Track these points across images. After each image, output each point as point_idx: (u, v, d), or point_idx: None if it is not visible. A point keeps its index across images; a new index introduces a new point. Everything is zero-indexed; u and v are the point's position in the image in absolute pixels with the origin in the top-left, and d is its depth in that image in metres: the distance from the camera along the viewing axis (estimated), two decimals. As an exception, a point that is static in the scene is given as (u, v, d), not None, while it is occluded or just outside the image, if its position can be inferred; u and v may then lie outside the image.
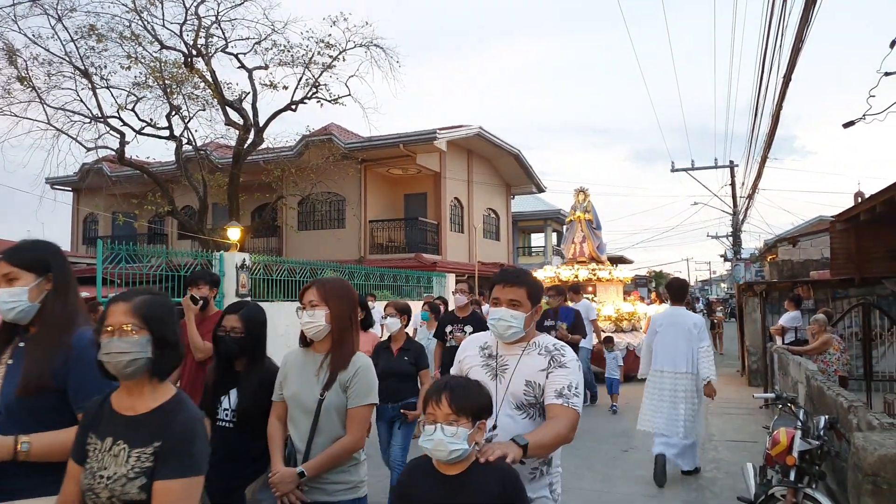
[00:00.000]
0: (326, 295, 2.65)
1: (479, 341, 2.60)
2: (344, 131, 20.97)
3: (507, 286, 2.45)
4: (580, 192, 14.86)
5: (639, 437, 7.70)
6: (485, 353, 2.54)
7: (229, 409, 2.93)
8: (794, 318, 9.93)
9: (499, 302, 2.44)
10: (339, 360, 2.63)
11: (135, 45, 14.91)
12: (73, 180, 22.10)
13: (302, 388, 2.66)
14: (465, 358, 2.60)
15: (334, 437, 2.59)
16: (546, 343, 2.48)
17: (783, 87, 8.06)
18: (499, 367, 2.47)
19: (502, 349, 2.49)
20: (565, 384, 2.35)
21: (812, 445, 3.77)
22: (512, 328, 2.40)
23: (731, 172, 24.09)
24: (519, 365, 2.43)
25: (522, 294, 2.43)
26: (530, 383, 2.39)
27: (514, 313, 2.40)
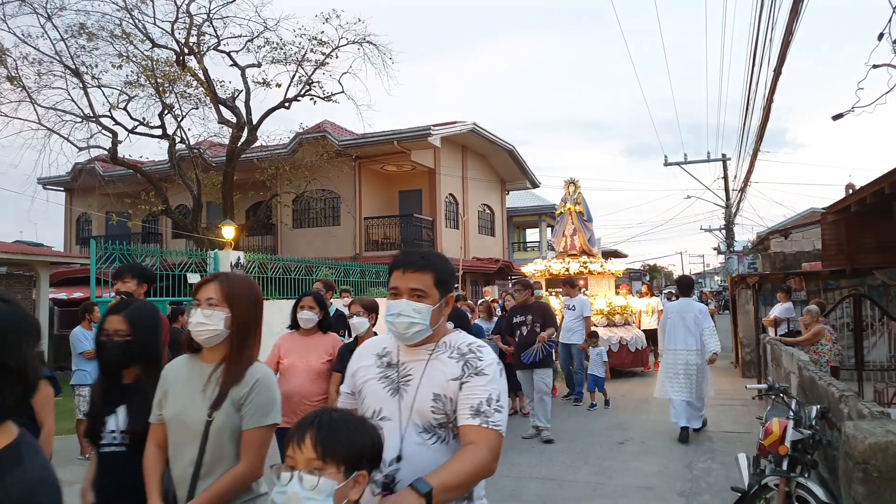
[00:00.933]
0: (230, 294, 2.22)
1: (376, 346, 2.09)
2: (338, 128, 20.95)
3: (407, 272, 1.94)
4: (570, 184, 14.46)
5: (634, 429, 7.79)
6: (383, 362, 2.01)
7: (117, 431, 2.41)
8: (786, 309, 10.03)
9: (398, 293, 1.93)
10: (233, 373, 2.18)
11: (126, 43, 14.88)
12: (65, 180, 22.01)
13: (186, 408, 2.18)
14: (359, 370, 2.05)
15: (226, 467, 2.14)
16: (459, 342, 1.97)
17: (774, 80, 8.11)
18: (400, 379, 1.94)
19: (405, 354, 1.98)
20: (483, 397, 1.83)
21: (804, 435, 3.83)
22: (415, 326, 1.89)
23: (723, 166, 24.19)
24: (425, 374, 1.92)
25: (428, 281, 1.92)
26: (439, 397, 1.87)
27: (418, 306, 1.89)
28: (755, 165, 16.36)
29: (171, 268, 9.03)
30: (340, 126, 21.65)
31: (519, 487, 5.60)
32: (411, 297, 1.91)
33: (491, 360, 1.92)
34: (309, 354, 4.36)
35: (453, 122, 20.97)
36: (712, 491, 5.35)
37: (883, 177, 7.00)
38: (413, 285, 1.92)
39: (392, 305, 1.92)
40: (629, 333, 12.34)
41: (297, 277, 11.32)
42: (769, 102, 9.09)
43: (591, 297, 12.59)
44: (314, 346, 4.41)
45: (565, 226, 14.25)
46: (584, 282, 13.12)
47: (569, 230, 14.19)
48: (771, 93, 8.65)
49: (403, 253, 2.03)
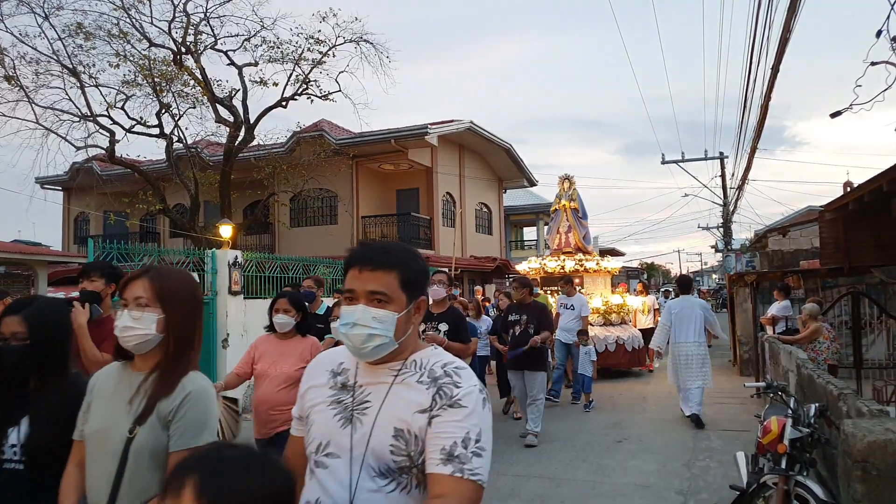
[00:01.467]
0: (162, 291, 1.91)
1: (331, 361, 1.69)
2: (335, 127, 20.92)
3: (365, 270, 1.55)
4: (565, 180, 14.07)
5: (632, 428, 7.79)
6: (337, 382, 1.62)
7: (18, 445, 2.08)
8: (783, 307, 10.03)
9: (354, 296, 1.56)
10: (163, 384, 1.88)
11: (123, 42, 14.84)
12: (63, 179, 21.96)
13: (108, 422, 1.88)
14: (309, 390, 1.68)
15: (146, 494, 1.80)
16: (432, 362, 1.57)
17: (771, 77, 8.11)
18: (356, 406, 1.56)
19: (363, 373, 1.60)
20: (458, 437, 1.44)
21: (803, 433, 3.82)
22: (374, 339, 1.52)
23: (721, 164, 24.21)
24: (386, 401, 1.52)
25: (391, 282, 1.55)
26: (401, 433, 1.48)
27: (379, 314, 1.52)
28: (753, 163, 16.39)
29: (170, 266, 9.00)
30: (338, 125, 21.62)
31: (517, 486, 5.59)
32: (370, 301, 1.54)
33: (471, 386, 1.51)
34: (283, 360, 4.06)
35: (450, 120, 20.95)
36: (710, 489, 5.35)
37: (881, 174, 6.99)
38: (372, 287, 1.54)
39: (346, 313, 1.55)
40: (626, 332, 12.16)
41: (295, 276, 11.30)
42: (767, 100, 9.10)
43: (587, 296, 12.34)
44: (289, 351, 4.11)
45: (560, 223, 13.93)
46: (580, 280, 12.93)
47: (563, 227, 13.87)
48: (768, 90, 8.65)
49: (361, 246, 1.62)
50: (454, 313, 5.61)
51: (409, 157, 19.98)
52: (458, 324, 5.49)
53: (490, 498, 5.28)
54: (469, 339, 5.55)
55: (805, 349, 7.51)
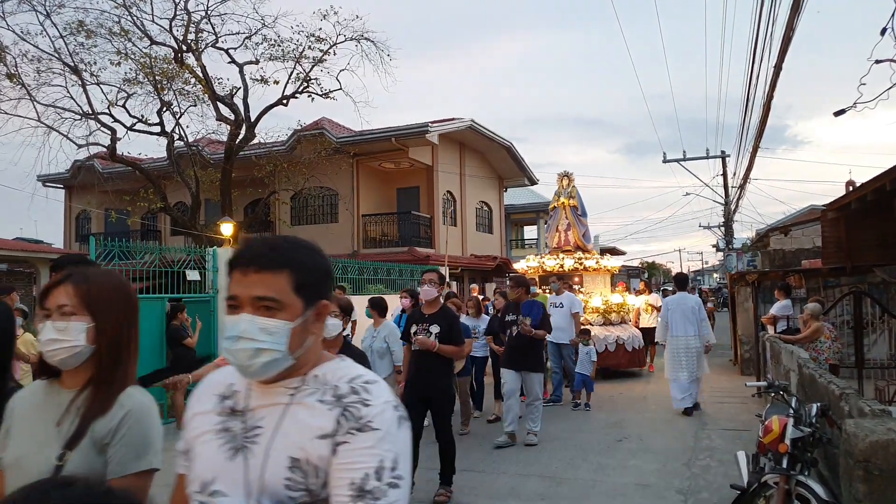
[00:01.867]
0: (91, 297, 1.67)
1: (220, 382, 1.43)
2: (336, 125, 20.91)
3: (249, 272, 1.30)
4: (564, 177, 13.79)
5: (632, 427, 7.78)
6: (226, 407, 1.38)
7: None
8: (784, 306, 10.01)
9: (237, 304, 1.30)
10: (98, 401, 1.63)
11: (124, 40, 14.85)
12: (64, 177, 21.96)
13: (31, 449, 1.62)
14: (193, 419, 1.42)
15: None
16: (337, 377, 1.34)
17: (774, 76, 8.09)
18: (246, 434, 1.32)
19: (256, 396, 1.35)
20: (370, 467, 1.21)
21: (804, 433, 3.81)
22: (263, 354, 1.27)
23: (722, 163, 24.16)
24: (281, 427, 1.29)
25: (282, 285, 1.30)
26: (299, 463, 1.25)
27: (268, 324, 1.28)
28: (755, 162, 16.36)
29: (170, 265, 9.01)
30: (338, 123, 21.62)
31: (518, 485, 5.58)
32: (257, 310, 1.28)
33: (383, 404, 1.27)
34: None
35: (451, 118, 20.93)
36: (711, 489, 5.34)
37: (884, 174, 6.98)
38: (258, 292, 1.28)
39: (230, 324, 1.29)
40: (626, 332, 11.96)
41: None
42: (769, 99, 9.07)
43: (586, 295, 12.25)
44: None
45: (559, 221, 13.68)
46: (579, 279, 12.73)
47: (562, 225, 13.60)
48: (771, 89, 8.63)
49: (246, 244, 1.37)
50: (447, 314, 5.39)
51: (410, 156, 19.97)
52: (451, 325, 5.31)
53: (490, 497, 5.28)
54: (462, 342, 5.47)
55: (806, 349, 7.49)
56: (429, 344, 5.17)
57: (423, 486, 5.46)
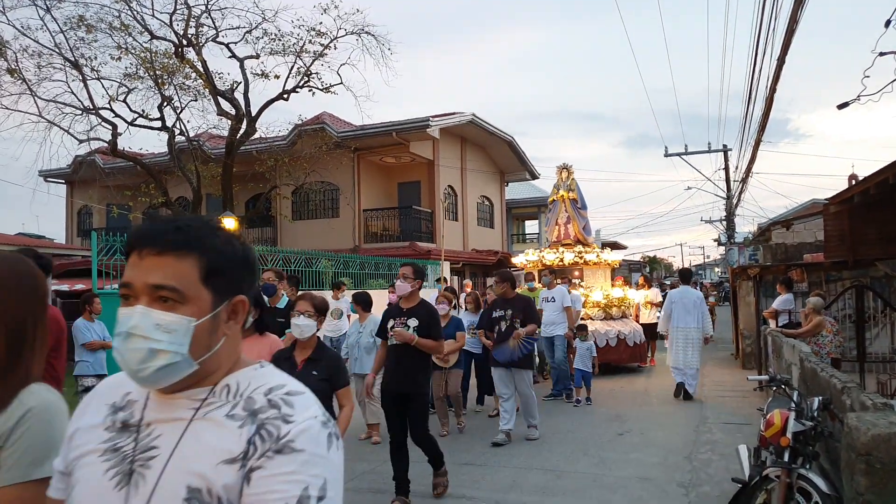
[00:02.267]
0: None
1: (113, 389, 1.20)
2: (337, 120, 20.89)
3: (147, 254, 1.08)
4: (563, 170, 13.52)
5: (634, 420, 7.78)
6: (117, 421, 1.13)
7: None
8: (786, 300, 10.00)
9: (132, 293, 1.08)
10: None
11: (125, 35, 14.83)
12: (66, 172, 22.00)
13: None
14: (76, 434, 1.17)
15: None
16: (252, 388, 1.11)
17: (777, 69, 8.05)
18: (137, 455, 1.08)
19: (154, 406, 1.12)
20: (293, 497, 0.99)
21: (806, 426, 3.80)
22: (159, 357, 1.05)
23: (724, 156, 24.10)
24: (179, 448, 1.06)
25: (186, 272, 1.08)
26: (198, 495, 1.02)
27: (166, 319, 1.06)
28: (757, 156, 16.32)
29: None
30: (339, 118, 21.59)
31: (519, 478, 5.59)
32: (153, 301, 1.06)
33: (309, 420, 1.05)
34: None
35: (452, 113, 20.90)
36: (712, 482, 5.34)
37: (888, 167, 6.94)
38: (155, 279, 1.05)
39: (121, 318, 1.06)
40: (627, 327, 11.76)
41: (297, 269, 11.30)
42: (772, 92, 9.03)
43: (586, 289, 12.04)
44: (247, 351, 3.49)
45: (558, 214, 13.41)
46: (580, 273, 12.55)
47: (562, 218, 13.33)
48: (774, 82, 8.59)
49: (149, 221, 1.16)
50: (425, 308, 5.21)
51: (411, 150, 19.95)
52: (429, 319, 5.11)
53: (492, 490, 5.28)
54: (441, 336, 5.23)
55: (808, 343, 7.49)
56: (407, 337, 4.93)
57: (422, 479, 5.47)
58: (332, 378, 3.72)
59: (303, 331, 3.79)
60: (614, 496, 5.10)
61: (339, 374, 3.79)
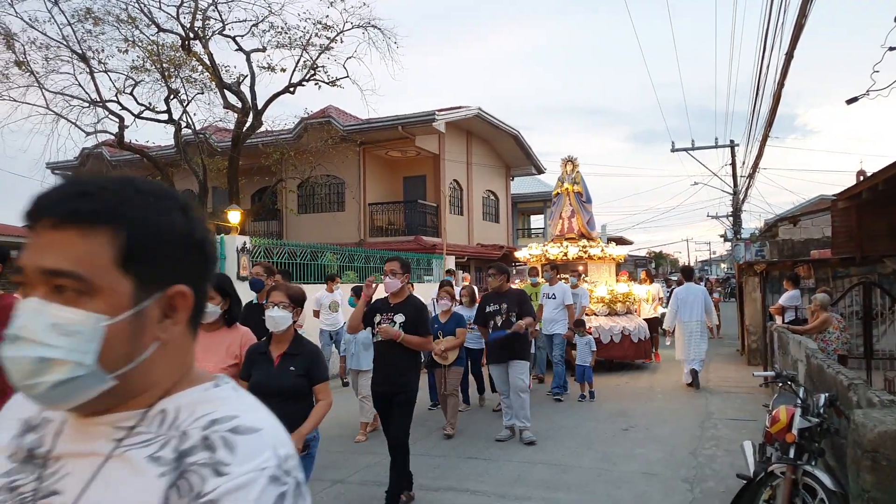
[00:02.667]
0: None
1: (29, 403, 0.85)
2: (343, 114, 20.87)
3: (42, 226, 0.78)
4: (568, 162, 13.17)
5: (639, 416, 7.77)
6: (23, 446, 0.86)
7: None
8: (792, 297, 9.96)
9: (27, 281, 0.79)
10: None
11: (132, 28, 14.83)
12: (73, 165, 22.04)
13: None
14: None
15: None
16: (193, 418, 0.81)
17: (785, 64, 8.01)
18: (40, 498, 0.80)
19: (70, 433, 0.84)
20: None
21: (812, 423, 3.79)
22: (54, 368, 0.76)
23: (731, 152, 24.03)
24: (87, 495, 0.77)
25: (93, 251, 0.77)
26: None
27: (63, 316, 0.76)
28: (764, 151, 16.24)
29: None
30: (345, 111, 21.57)
31: (524, 473, 5.60)
32: (50, 292, 0.78)
33: (251, 473, 0.75)
34: (207, 356, 3.36)
35: (458, 107, 20.85)
36: (717, 478, 5.33)
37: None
38: (50, 263, 0.77)
39: (15, 315, 0.79)
40: (632, 323, 11.54)
41: (303, 262, 11.32)
42: (780, 87, 8.99)
43: (591, 284, 11.81)
44: (215, 346, 3.49)
45: (562, 207, 13.07)
46: (584, 267, 12.24)
47: (566, 212, 13.00)
48: (782, 77, 8.55)
49: (52, 186, 0.83)
50: (413, 303, 4.95)
51: (417, 144, 19.93)
52: (417, 315, 4.87)
53: (497, 484, 5.29)
54: (428, 332, 5.00)
55: (815, 339, 7.47)
56: (392, 333, 4.71)
57: (428, 472, 5.49)
58: (311, 373, 3.47)
59: (277, 323, 3.54)
60: (619, 491, 5.10)
61: (318, 369, 3.53)
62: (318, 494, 5.10)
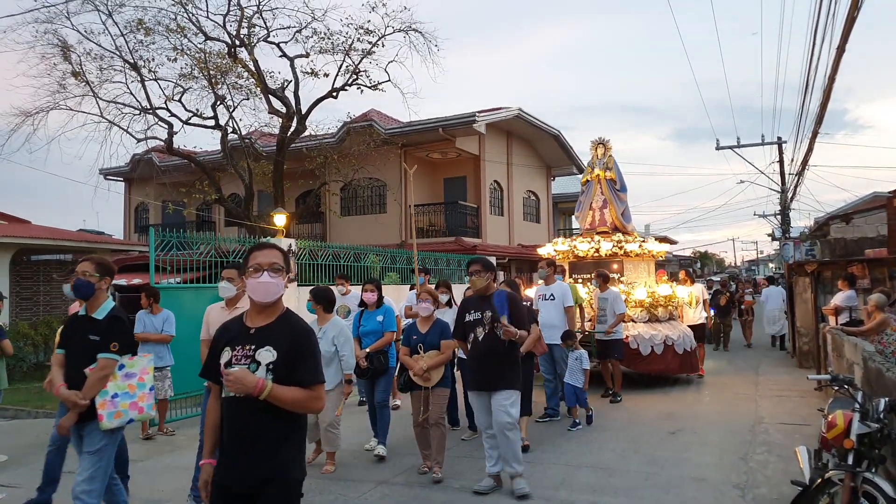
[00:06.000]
0: None
1: None
2: (384, 117, 21.06)
3: None
4: (599, 145, 11.55)
5: (686, 419, 7.64)
6: None
7: None
8: (849, 297, 9.65)
9: None
10: None
11: (180, 37, 15.25)
12: (124, 170, 22.80)
13: None
14: None
15: None
16: None
17: (836, 58, 7.77)
18: None
19: None
20: None
21: (871, 429, 3.68)
22: None
23: (779, 149, 23.40)
24: None
25: None
26: None
27: None
28: (814, 148, 15.78)
29: (226, 255, 9.25)
30: (386, 114, 21.76)
31: (568, 476, 5.56)
32: None
33: None
34: None
35: (498, 108, 20.82)
36: (769, 484, 5.21)
37: (956, 159, 6.64)
38: None
39: None
40: (675, 331, 9.89)
41: (346, 264, 11.46)
42: (831, 82, 8.73)
43: (627, 286, 10.38)
44: None
45: (593, 196, 11.42)
46: (619, 266, 10.74)
47: (597, 202, 11.36)
48: (833, 72, 8.30)
49: None
50: (291, 325, 2.81)
51: (457, 146, 19.98)
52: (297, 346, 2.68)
53: (541, 487, 5.27)
54: (315, 380, 2.66)
55: (871, 341, 7.22)
56: (248, 384, 2.49)
57: (472, 474, 5.50)
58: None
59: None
60: (667, 496, 5.03)
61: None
62: (363, 495, 5.17)
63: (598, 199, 11.39)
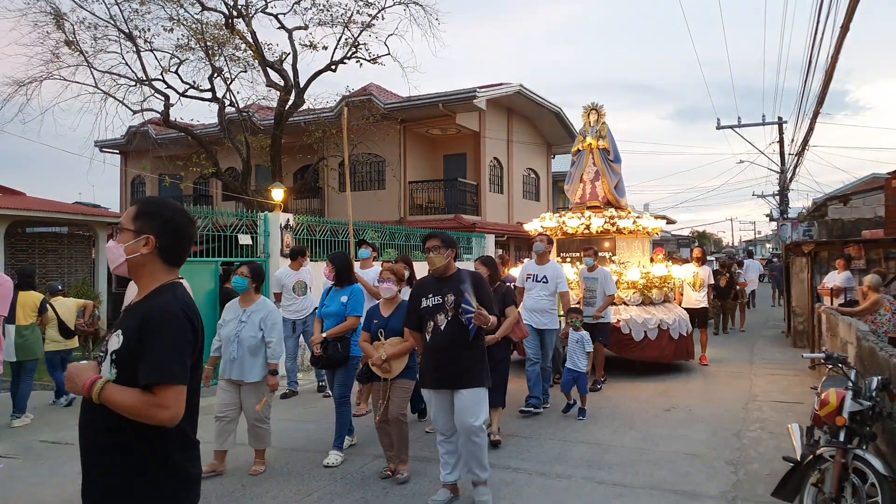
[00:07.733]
0: None
1: None
2: (383, 91, 20.88)
3: None
4: (592, 111, 10.42)
5: (681, 396, 7.72)
6: None
7: None
8: (845, 278, 9.70)
9: None
10: None
11: (176, 6, 15.04)
12: (120, 143, 22.61)
13: None
14: None
15: None
16: None
17: (840, 37, 7.71)
18: None
19: None
20: None
21: (863, 406, 3.72)
22: None
23: (779, 129, 23.36)
24: None
25: None
26: None
27: None
28: (814, 128, 15.73)
29: (223, 229, 9.24)
30: (386, 89, 21.57)
31: (565, 451, 5.63)
32: None
33: None
34: None
35: (499, 84, 20.66)
36: (762, 460, 5.28)
37: (957, 140, 6.62)
38: None
39: None
40: (671, 315, 9.16)
41: (345, 240, 11.45)
42: (834, 61, 8.67)
43: (619, 266, 9.56)
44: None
45: (584, 168, 10.34)
46: (611, 244, 9.86)
47: (588, 173, 10.30)
48: (836, 51, 8.24)
49: None
50: (149, 304, 2.25)
51: (457, 122, 19.86)
52: (139, 329, 2.09)
53: (538, 462, 5.34)
54: (173, 378, 2.11)
55: (865, 321, 7.28)
56: (80, 378, 2.08)
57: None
58: None
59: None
60: (661, 471, 5.10)
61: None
62: (360, 469, 5.22)
63: (590, 170, 10.34)
